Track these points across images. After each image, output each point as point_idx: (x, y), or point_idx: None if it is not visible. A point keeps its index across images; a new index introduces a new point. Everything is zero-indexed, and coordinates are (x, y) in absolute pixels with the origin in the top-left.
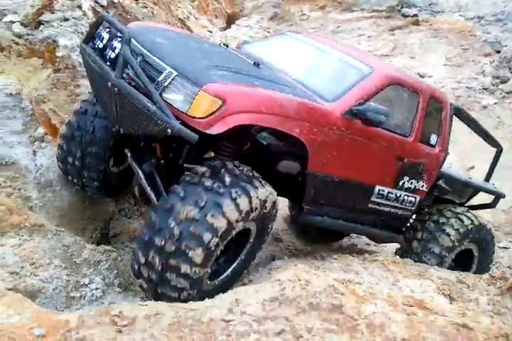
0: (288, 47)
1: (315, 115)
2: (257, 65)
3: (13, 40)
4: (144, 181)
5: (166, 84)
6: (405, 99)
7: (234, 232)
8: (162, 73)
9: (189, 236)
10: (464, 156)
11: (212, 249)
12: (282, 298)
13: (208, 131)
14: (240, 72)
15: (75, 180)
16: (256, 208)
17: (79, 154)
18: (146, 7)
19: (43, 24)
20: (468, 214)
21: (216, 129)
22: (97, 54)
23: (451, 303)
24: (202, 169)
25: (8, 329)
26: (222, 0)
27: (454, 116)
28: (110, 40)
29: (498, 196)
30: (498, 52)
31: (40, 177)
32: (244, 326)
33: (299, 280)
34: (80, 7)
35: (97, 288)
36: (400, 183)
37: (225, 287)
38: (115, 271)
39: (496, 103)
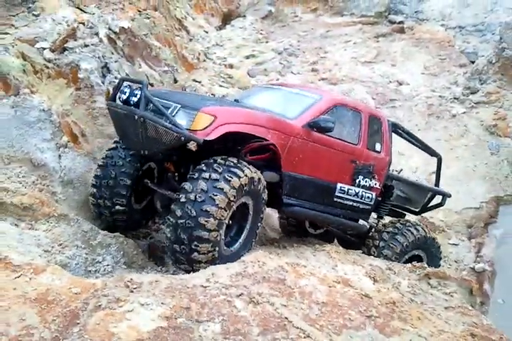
0: (258, 92)
1: (281, 126)
2: (236, 100)
3: (44, 64)
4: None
5: (173, 114)
6: (350, 116)
7: (239, 199)
8: (169, 108)
9: (212, 191)
10: (428, 162)
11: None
12: (244, 273)
13: (206, 138)
14: (225, 103)
15: (108, 219)
16: (245, 184)
17: (107, 195)
18: (149, 18)
19: (67, 50)
20: (416, 227)
21: (212, 136)
22: (122, 103)
23: (373, 284)
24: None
25: (54, 288)
26: None
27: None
28: (131, 91)
29: (445, 195)
30: (473, 62)
31: (64, 176)
32: (216, 290)
33: (258, 261)
34: (97, 34)
35: (108, 265)
36: (357, 181)
37: (239, 253)
38: (121, 252)
39: (464, 112)
